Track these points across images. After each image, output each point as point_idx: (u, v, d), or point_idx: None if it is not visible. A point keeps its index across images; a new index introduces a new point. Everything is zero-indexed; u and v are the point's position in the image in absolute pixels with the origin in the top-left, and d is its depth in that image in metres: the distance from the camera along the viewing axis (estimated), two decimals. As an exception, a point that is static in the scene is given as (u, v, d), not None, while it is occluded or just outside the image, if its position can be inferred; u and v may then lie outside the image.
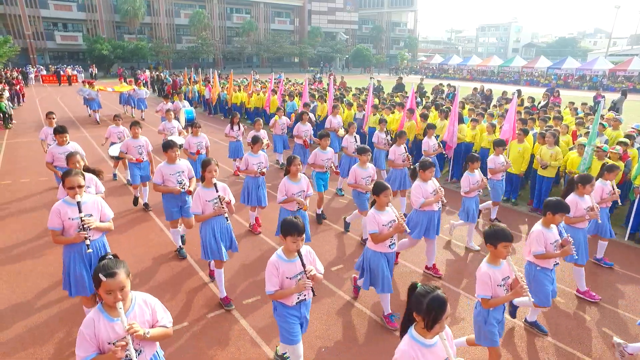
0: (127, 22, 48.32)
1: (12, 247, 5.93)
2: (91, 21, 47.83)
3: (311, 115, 10.46)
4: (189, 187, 5.33)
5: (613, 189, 5.44)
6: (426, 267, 5.45)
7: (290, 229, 3.03)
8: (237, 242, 4.70)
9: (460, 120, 9.42)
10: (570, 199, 4.72)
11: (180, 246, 5.76)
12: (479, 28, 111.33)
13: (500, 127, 8.84)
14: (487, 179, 6.33)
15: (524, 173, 8.17)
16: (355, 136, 8.00)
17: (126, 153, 7.03)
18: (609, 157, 6.76)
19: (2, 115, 15.06)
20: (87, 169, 4.67)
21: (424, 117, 10.11)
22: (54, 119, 7.92)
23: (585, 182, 4.76)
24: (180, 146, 7.66)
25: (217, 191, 4.33)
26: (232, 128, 9.13)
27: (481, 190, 6.08)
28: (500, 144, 6.84)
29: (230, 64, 54.70)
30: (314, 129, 13.30)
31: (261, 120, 8.57)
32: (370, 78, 21.30)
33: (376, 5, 76.32)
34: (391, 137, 10.98)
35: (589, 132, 7.64)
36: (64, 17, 46.81)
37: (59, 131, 6.11)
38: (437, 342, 2.27)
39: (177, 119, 11.64)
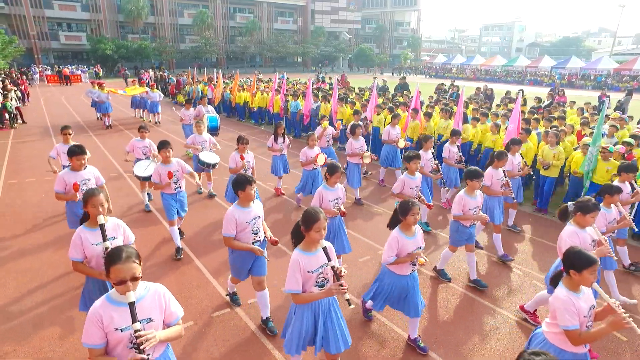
0: (130, 22, 48.50)
1: (17, 245, 5.97)
2: (95, 21, 48.03)
3: (359, 123, 8.81)
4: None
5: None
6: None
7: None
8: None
9: (465, 120, 9.42)
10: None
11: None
12: (483, 27, 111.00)
13: (506, 128, 8.82)
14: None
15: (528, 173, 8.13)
16: (431, 151, 6.95)
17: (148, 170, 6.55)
18: (615, 158, 6.73)
19: (8, 115, 15.14)
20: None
21: (428, 116, 10.10)
22: (70, 134, 6.52)
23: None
24: (214, 166, 7.22)
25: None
26: (276, 140, 7.81)
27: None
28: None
29: (233, 64, 54.81)
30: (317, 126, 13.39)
31: (315, 135, 7.05)
32: (374, 78, 21.28)
33: (379, 4, 76.24)
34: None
35: (593, 132, 7.62)
36: (68, 17, 47.02)
37: (76, 152, 4.79)
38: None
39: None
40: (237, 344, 4.03)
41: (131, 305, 2.24)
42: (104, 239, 3.18)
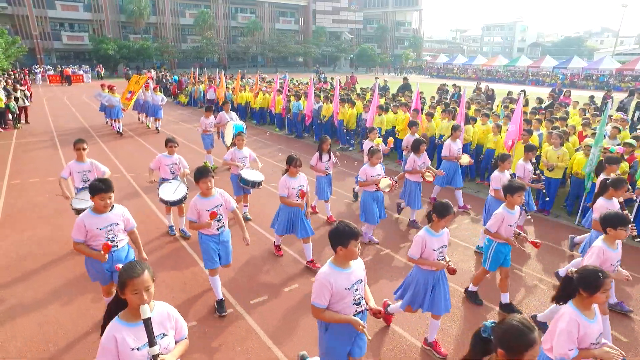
0: (132, 22, 48.59)
1: (22, 246, 6.01)
2: (97, 21, 48.13)
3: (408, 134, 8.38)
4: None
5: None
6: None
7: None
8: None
9: (467, 120, 9.44)
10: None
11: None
12: (484, 27, 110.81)
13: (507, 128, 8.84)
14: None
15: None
16: (532, 162, 6.35)
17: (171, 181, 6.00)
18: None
19: (11, 116, 15.22)
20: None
21: (430, 116, 10.12)
22: (84, 149, 5.44)
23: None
24: (258, 185, 6.37)
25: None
26: (320, 157, 6.64)
27: None
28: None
29: (235, 64, 54.89)
30: (320, 127, 13.44)
31: (380, 153, 5.99)
32: (376, 78, 21.28)
33: (381, 4, 76.21)
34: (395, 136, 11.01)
35: (595, 133, 7.63)
36: (71, 18, 47.13)
37: (99, 190, 3.57)
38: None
39: (221, 136, 10.08)
40: (240, 345, 4.06)
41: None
42: (151, 342, 2.17)
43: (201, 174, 4.27)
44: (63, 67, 38.94)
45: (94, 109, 20.49)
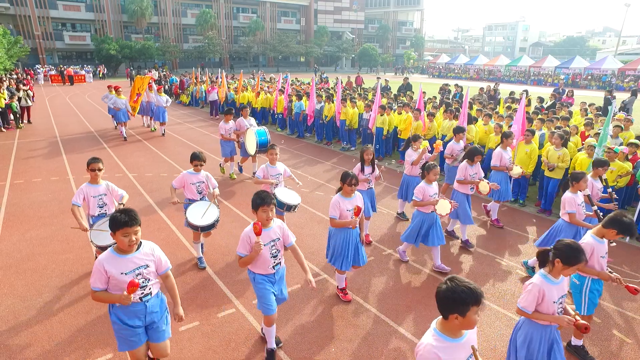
0: (134, 22, 48.73)
1: (25, 245, 6.03)
2: (99, 21, 48.29)
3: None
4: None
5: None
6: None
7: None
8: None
9: (471, 120, 9.44)
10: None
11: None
12: (486, 27, 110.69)
13: (509, 128, 8.83)
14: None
15: (532, 174, 8.14)
16: (602, 178, 5.75)
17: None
18: (618, 158, 6.73)
19: (13, 116, 15.27)
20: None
21: (432, 116, 10.11)
22: (100, 170, 4.74)
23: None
24: (294, 208, 5.57)
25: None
26: (362, 169, 5.93)
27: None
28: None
29: (237, 64, 54.98)
30: (322, 127, 13.45)
31: (437, 169, 5.33)
32: (377, 78, 21.28)
33: (382, 4, 76.20)
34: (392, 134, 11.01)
35: (598, 133, 7.61)
36: (73, 18, 47.31)
37: (124, 223, 2.79)
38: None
39: (241, 145, 9.22)
40: (242, 345, 4.07)
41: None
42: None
43: (262, 200, 3.40)
44: (64, 67, 39.02)
45: (97, 110, 20.57)
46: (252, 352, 3.96)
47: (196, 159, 5.38)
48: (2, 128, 14.59)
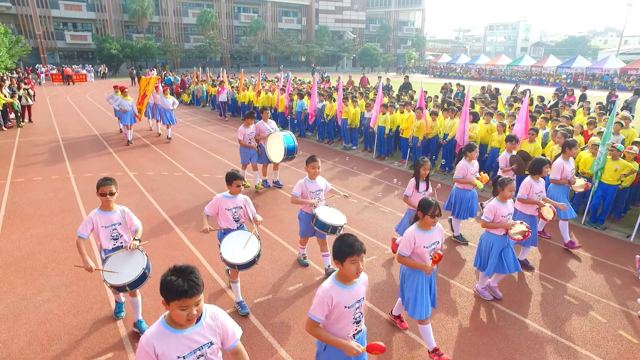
0: (135, 21, 48.73)
1: (25, 244, 6.00)
2: (100, 21, 48.32)
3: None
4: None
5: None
6: None
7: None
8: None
9: (476, 118, 9.39)
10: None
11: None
12: (487, 27, 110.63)
13: (510, 127, 8.78)
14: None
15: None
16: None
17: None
18: (624, 158, 6.68)
19: (14, 114, 15.26)
20: None
21: (435, 114, 10.05)
22: (112, 195, 3.81)
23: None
24: (339, 230, 4.77)
25: None
26: (417, 186, 5.16)
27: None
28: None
29: (238, 63, 54.94)
30: (324, 126, 13.40)
31: (514, 184, 4.46)
32: (379, 77, 21.21)
33: (383, 4, 76.12)
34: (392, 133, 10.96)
35: (601, 132, 7.56)
36: (74, 17, 47.34)
37: (183, 293, 1.96)
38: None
39: (261, 149, 8.32)
40: (244, 345, 4.00)
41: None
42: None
43: (351, 247, 2.47)
44: (64, 66, 39.03)
45: (98, 110, 20.54)
46: (253, 352, 3.91)
47: (236, 179, 4.31)
48: (3, 127, 14.57)
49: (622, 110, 13.24)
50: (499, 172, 6.62)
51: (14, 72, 30.53)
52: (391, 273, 5.41)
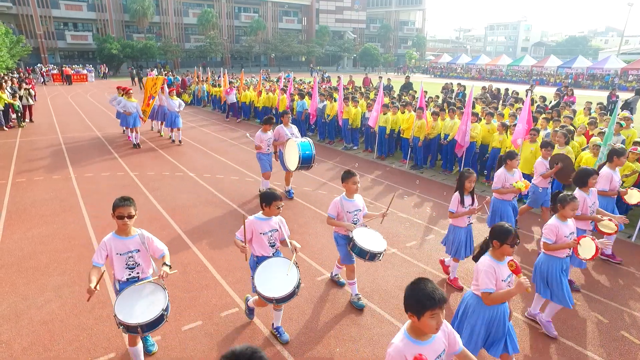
0: (136, 21, 48.75)
1: (27, 243, 6.00)
2: (101, 21, 48.33)
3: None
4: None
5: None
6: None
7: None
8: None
9: (477, 118, 9.40)
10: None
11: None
12: (488, 27, 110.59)
13: (512, 127, 8.77)
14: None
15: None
16: None
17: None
18: (627, 158, 6.67)
19: (15, 114, 15.27)
20: None
21: (436, 115, 10.05)
22: (131, 218, 3.34)
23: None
24: (378, 257, 4.25)
25: None
26: (462, 201, 4.71)
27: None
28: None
29: (239, 63, 54.94)
30: (325, 127, 13.40)
31: (577, 202, 3.97)
32: (380, 77, 21.19)
33: (384, 4, 76.09)
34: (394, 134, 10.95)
35: (602, 132, 7.55)
36: (75, 17, 47.35)
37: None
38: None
39: (279, 156, 7.93)
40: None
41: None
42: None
43: (431, 298, 2.07)
44: (64, 66, 39.04)
45: (100, 110, 20.54)
46: (255, 352, 3.91)
47: (276, 200, 3.74)
48: (5, 127, 14.57)
49: (622, 110, 13.23)
50: (535, 180, 6.24)
51: (15, 71, 30.52)
52: (393, 273, 5.41)
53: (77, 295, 4.73)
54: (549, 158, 6.26)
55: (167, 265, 3.33)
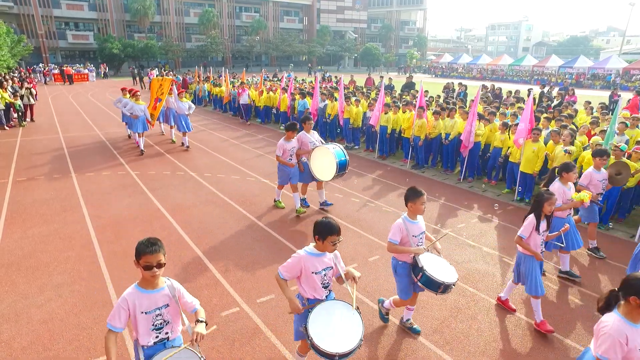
0: (137, 21, 48.72)
1: (27, 243, 5.98)
2: (102, 20, 48.31)
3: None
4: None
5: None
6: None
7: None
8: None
9: (480, 118, 9.35)
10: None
11: None
12: (489, 27, 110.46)
13: (513, 126, 8.73)
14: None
15: (538, 172, 8.04)
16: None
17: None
18: (630, 158, 6.64)
19: (16, 114, 15.27)
20: None
21: (437, 114, 10.01)
22: (161, 266, 2.57)
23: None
24: (447, 287, 3.68)
25: None
26: (537, 227, 4.09)
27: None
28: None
29: (239, 63, 54.94)
30: (324, 128, 13.38)
31: None
32: (381, 77, 21.17)
33: (385, 3, 76.02)
34: (398, 133, 10.91)
35: (604, 131, 7.51)
36: (76, 17, 47.33)
37: None
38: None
39: (304, 164, 7.08)
40: (246, 344, 4.00)
41: None
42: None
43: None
44: (65, 66, 39.03)
45: (101, 110, 20.53)
46: (256, 352, 3.89)
47: (333, 234, 3.03)
48: (6, 126, 14.57)
49: (623, 109, 13.18)
50: (592, 196, 5.23)
51: (15, 70, 30.52)
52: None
53: (77, 294, 4.71)
54: (607, 167, 5.77)
55: (201, 322, 2.68)
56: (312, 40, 62.07)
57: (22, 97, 15.48)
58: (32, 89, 16.74)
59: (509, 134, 8.66)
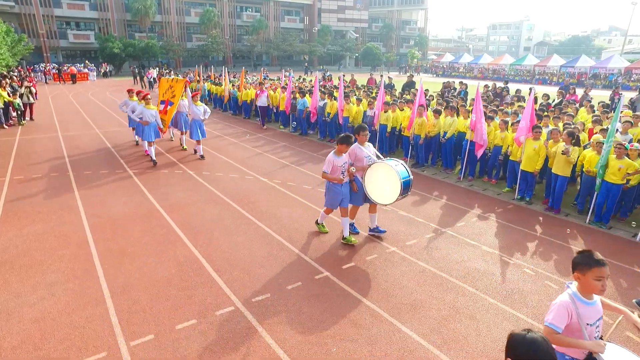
0: (138, 20, 48.74)
1: (21, 241, 5.93)
2: (103, 20, 48.35)
3: None
4: None
5: None
6: None
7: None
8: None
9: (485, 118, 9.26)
10: None
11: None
12: (490, 26, 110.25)
13: (514, 124, 8.64)
14: None
15: (539, 171, 7.97)
16: None
17: None
18: (628, 155, 6.56)
19: (16, 113, 15.24)
20: None
21: (437, 113, 9.93)
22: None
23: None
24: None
25: None
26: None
27: None
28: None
29: (240, 62, 54.91)
30: (324, 126, 13.31)
31: None
32: (381, 76, 21.08)
33: (386, 3, 75.96)
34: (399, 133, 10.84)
35: (604, 129, 7.43)
36: (77, 16, 47.38)
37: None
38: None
39: (358, 186, 5.87)
40: (241, 343, 3.94)
41: None
42: None
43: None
44: (67, 65, 39.02)
45: (101, 109, 20.50)
46: (251, 351, 3.83)
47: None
48: (5, 125, 14.54)
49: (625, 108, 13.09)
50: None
51: (14, 69, 30.50)
52: (393, 272, 5.31)
53: (71, 293, 4.66)
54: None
55: None
56: (313, 40, 62.03)
57: (21, 96, 15.44)
58: (32, 88, 16.70)
59: (508, 132, 8.58)
